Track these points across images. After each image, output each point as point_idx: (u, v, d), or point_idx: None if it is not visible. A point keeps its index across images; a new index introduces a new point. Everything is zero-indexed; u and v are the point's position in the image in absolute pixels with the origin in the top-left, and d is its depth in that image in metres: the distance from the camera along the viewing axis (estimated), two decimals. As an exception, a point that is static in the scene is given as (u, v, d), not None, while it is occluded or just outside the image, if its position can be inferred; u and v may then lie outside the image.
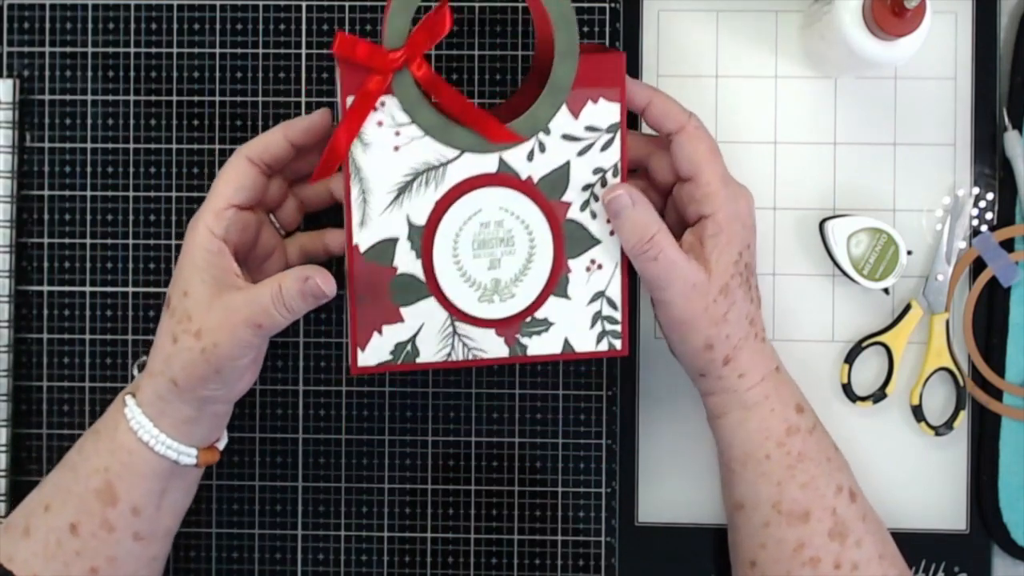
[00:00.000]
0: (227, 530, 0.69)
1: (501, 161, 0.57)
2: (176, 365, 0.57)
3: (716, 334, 0.57)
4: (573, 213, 0.58)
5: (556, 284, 0.59)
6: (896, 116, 0.68)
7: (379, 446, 0.69)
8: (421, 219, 0.57)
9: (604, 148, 0.58)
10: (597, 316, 0.60)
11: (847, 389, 0.68)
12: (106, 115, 0.69)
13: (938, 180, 0.68)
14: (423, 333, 0.59)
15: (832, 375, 0.69)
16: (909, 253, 0.66)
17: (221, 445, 0.63)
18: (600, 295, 0.60)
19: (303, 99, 0.69)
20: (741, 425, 0.59)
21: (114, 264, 0.69)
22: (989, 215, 0.68)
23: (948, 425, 0.67)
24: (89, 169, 0.69)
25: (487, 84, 0.68)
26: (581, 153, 0.57)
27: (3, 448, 0.68)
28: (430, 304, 0.59)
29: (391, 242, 0.58)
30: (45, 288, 0.69)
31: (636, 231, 0.56)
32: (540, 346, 0.60)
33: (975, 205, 0.68)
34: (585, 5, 0.68)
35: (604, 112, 0.57)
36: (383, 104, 0.55)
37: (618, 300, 0.60)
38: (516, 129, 0.56)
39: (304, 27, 0.69)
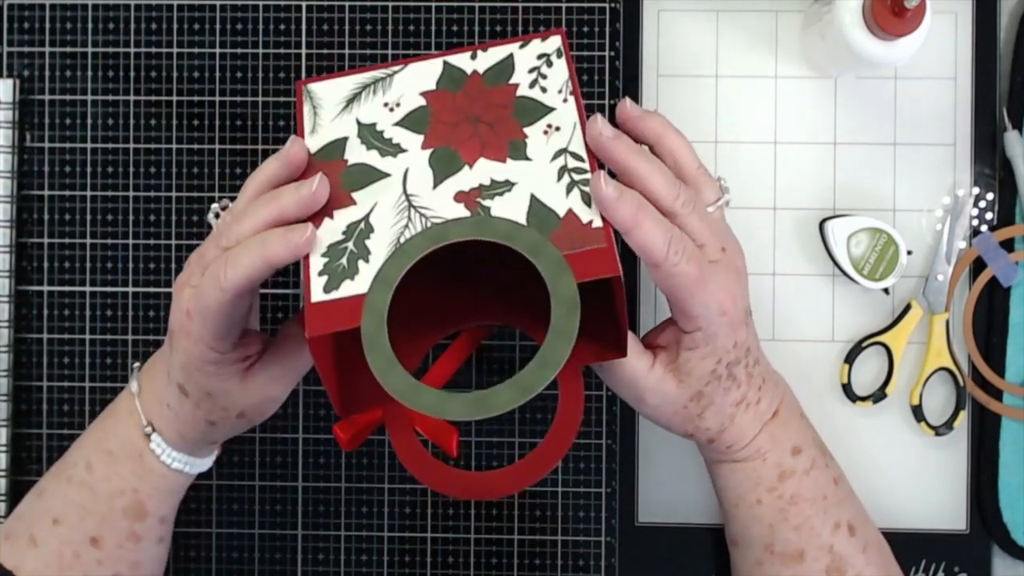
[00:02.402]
0: (227, 530, 0.69)
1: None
2: (220, 434, 0.59)
3: (695, 428, 0.57)
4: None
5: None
6: (896, 116, 0.68)
7: (379, 446, 0.69)
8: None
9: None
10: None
11: (847, 389, 0.68)
12: (106, 115, 0.69)
13: (938, 180, 0.68)
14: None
15: (832, 375, 0.69)
16: (909, 253, 0.66)
17: None
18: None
19: (303, 99, 0.69)
20: (731, 474, 0.59)
21: (114, 264, 0.69)
22: (989, 215, 0.68)
23: (948, 425, 0.67)
24: (89, 169, 0.69)
25: None
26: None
27: (3, 448, 0.68)
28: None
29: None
30: (45, 288, 0.69)
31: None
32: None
33: (975, 205, 0.68)
34: (585, 5, 0.68)
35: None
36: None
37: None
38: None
39: (304, 27, 0.69)
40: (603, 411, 0.68)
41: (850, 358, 0.68)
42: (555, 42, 0.58)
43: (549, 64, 0.58)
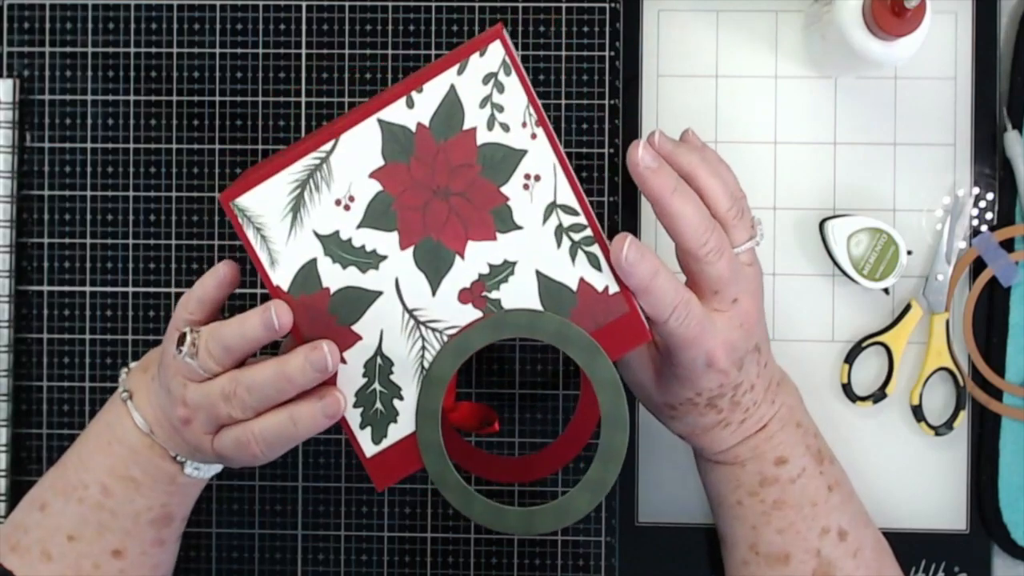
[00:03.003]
0: (227, 530, 0.69)
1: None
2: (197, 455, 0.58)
3: (666, 422, 0.58)
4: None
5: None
6: (896, 116, 0.68)
7: (379, 446, 0.69)
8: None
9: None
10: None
11: (847, 389, 0.68)
12: (106, 115, 0.69)
13: (938, 180, 0.68)
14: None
15: (832, 375, 0.69)
16: (909, 253, 0.66)
17: None
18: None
19: (303, 99, 0.69)
20: (710, 472, 0.59)
21: (114, 264, 0.69)
22: (989, 215, 0.68)
23: (948, 425, 0.67)
24: (89, 169, 0.69)
25: None
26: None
27: (3, 448, 0.68)
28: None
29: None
30: (45, 288, 0.69)
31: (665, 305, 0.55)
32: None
33: (975, 205, 0.68)
34: (585, 5, 0.68)
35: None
36: None
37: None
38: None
39: (304, 27, 0.69)
40: (603, 411, 0.68)
41: (850, 358, 0.68)
42: (497, 53, 0.49)
43: (500, 89, 0.50)
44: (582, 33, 0.68)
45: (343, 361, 0.52)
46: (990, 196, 0.68)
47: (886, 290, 0.67)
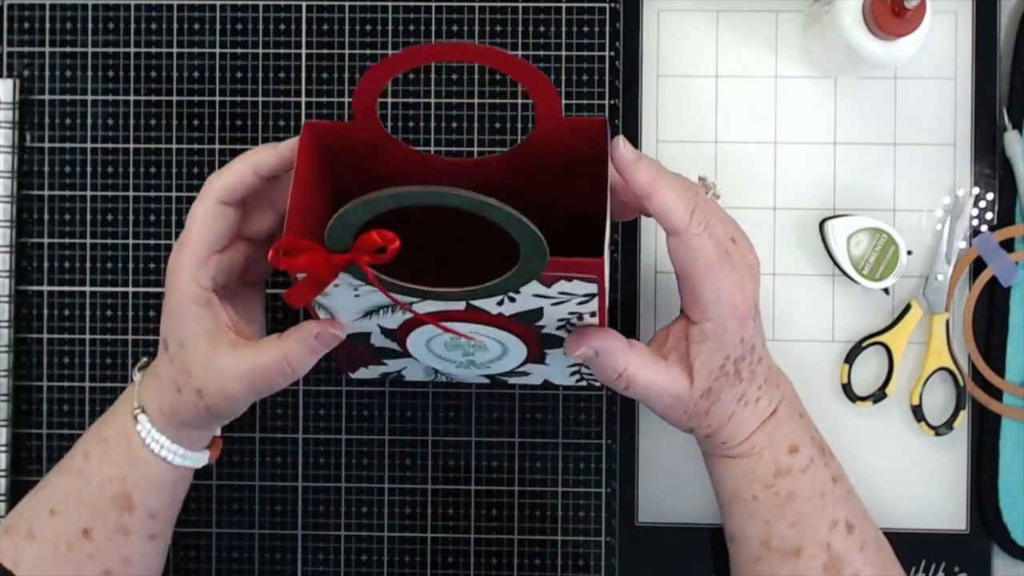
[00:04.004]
0: (227, 530, 0.69)
1: (468, 305, 0.53)
2: (183, 413, 0.57)
3: (696, 425, 0.57)
4: (549, 330, 0.56)
5: (533, 361, 0.60)
6: (896, 116, 0.68)
7: (379, 446, 0.69)
8: (393, 326, 0.56)
9: (580, 303, 0.53)
10: (575, 369, 0.62)
11: (847, 389, 0.68)
12: (106, 115, 0.69)
13: (938, 180, 0.68)
14: (408, 369, 0.63)
15: (832, 375, 0.69)
16: (909, 253, 0.66)
17: (218, 431, 0.63)
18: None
19: (303, 99, 0.69)
20: (725, 469, 0.59)
21: (114, 264, 0.69)
22: (989, 215, 0.68)
23: (948, 425, 0.67)
24: (89, 169, 0.69)
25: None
26: (555, 304, 0.53)
27: (3, 448, 0.68)
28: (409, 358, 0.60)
29: (365, 335, 0.57)
30: (45, 288, 0.69)
31: (605, 375, 0.55)
32: (520, 380, 0.65)
33: (975, 205, 0.68)
34: (585, 5, 0.68)
35: (580, 286, 0.51)
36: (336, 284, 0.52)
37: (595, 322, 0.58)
38: (478, 293, 0.51)
39: (304, 27, 0.69)
40: (603, 411, 0.68)
41: (850, 358, 0.68)
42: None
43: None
44: (582, 33, 0.68)
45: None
46: (990, 196, 0.68)
47: (886, 290, 0.67)
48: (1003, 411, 0.67)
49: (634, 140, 0.69)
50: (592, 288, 0.51)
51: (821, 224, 0.67)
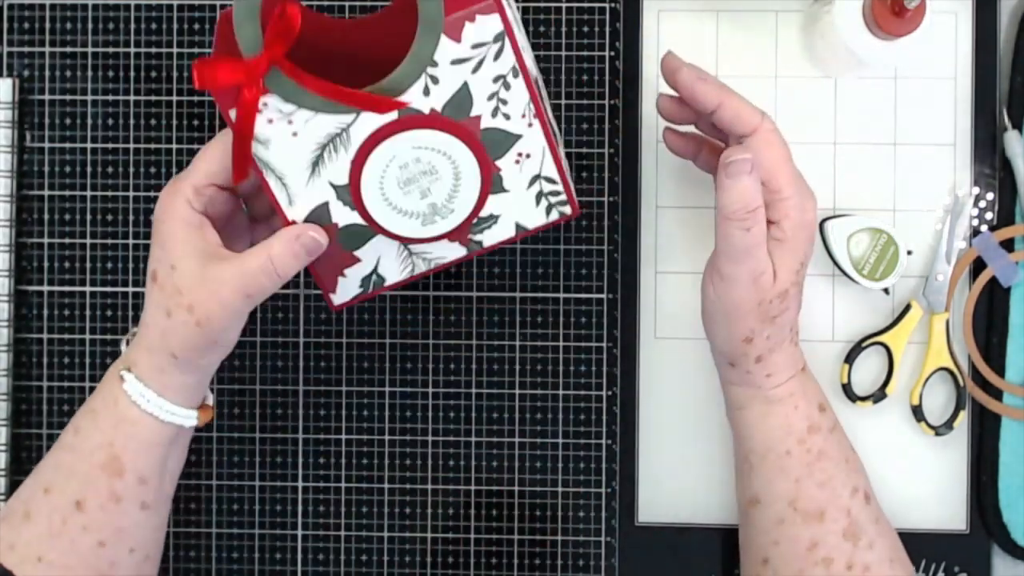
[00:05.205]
0: (227, 530, 0.69)
1: (400, 112, 0.56)
2: (173, 340, 0.57)
3: (759, 330, 0.58)
4: (486, 123, 0.57)
5: (490, 186, 0.59)
6: (896, 116, 0.68)
7: (379, 446, 0.69)
8: (343, 179, 0.58)
9: (497, 57, 0.56)
10: (540, 195, 0.60)
11: (847, 389, 0.68)
12: (106, 115, 0.69)
13: (938, 180, 0.68)
14: (382, 262, 0.61)
15: (832, 375, 0.69)
16: (909, 253, 0.66)
17: (210, 401, 0.63)
18: (536, 177, 0.59)
19: (303, 99, 0.68)
20: (763, 419, 0.59)
21: (114, 264, 0.69)
22: (989, 215, 0.68)
23: (948, 425, 0.67)
24: (89, 169, 0.69)
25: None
26: (475, 70, 0.56)
27: (3, 447, 0.68)
28: (379, 240, 0.60)
29: (323, 206, 0.58)
30: (45, 288, 0.69)
31: (743, 199, 0.56)
32: (493, 236, 0.62)
33: (975, 205, 0.68)
34: (585, 5, 0.68)
35: (486, 26, 0.55)
36: (266, 104, 0.55)
37: (555, 175, 0.59)
38: (401, 76, 0.55)
39: (304, 27, 0.68)
40: (603, 411, 0.68)
41: (850, 358, 0.68)
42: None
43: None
44: (582, 33, 0.68)
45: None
46: (990, 196, 0.68)
47: (886, 290, 0.67)
48: (1003, 411, 0.67)
49: (634, 139, 0.69)
50: (497, 24, 0.54)
51: (821, 224, 0.67)
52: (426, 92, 0.56)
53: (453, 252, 0.62)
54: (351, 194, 0.58)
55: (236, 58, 0.53)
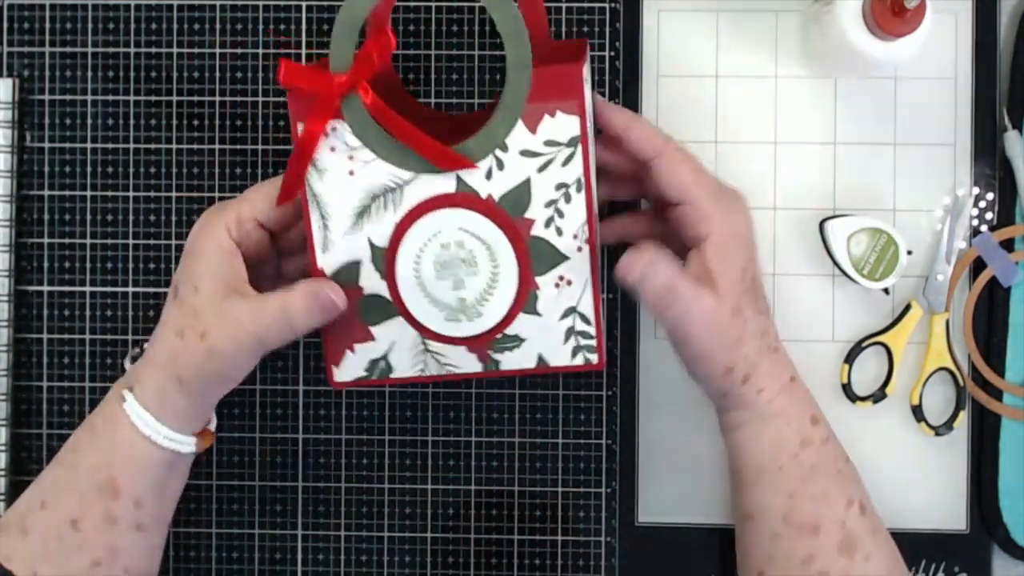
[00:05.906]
0: (227, 530, 0.69)
1: (459, 180, 0.55)
2: (181, 363, 0.57)
3: (735, 357, 0.57)
4: (538, 230, 0.56)
5: (524, 302, 0.58)
6: (896, 116, 0.68)
7: (379, 446, 0.69)
8: (382, 241, 0.57)
9: (565, 163, 0.55)
10: (570, 331, 0.59)
11: (847, 389, 0.68)
12: (106, 115, 0.69)
13: (938, 180, 0.68)
14: (395, 350, 0.60)
15: (832, 375, 0.69)
16: (909, 253, 0.66)
17: (212, 427, 0.63)
18: (572, 311, 0.58)
19: (303, 99, 0.68)
20: (756, 437, 0.59)
21: (114, 264, 0.69)
22: (989, 215, 0.68)
23: (948, 425, 0.67)
24: (89, 169, 0.69)
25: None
26: (541, 169, 0.55)
27: (3, 448, 0.68)
28: (399, 323, 0.58)
29: (355, 264, 0.57)
30: (45, 288, 0.69)
31: (655, 295, 0.55)
32: (513, 361, 0.60)
33: (975, 205, 0.68)
34: (585, 5, 0.68)
35: (563, 126, 0.54)
36: (334, 129, 0.54)
37: (591, 315, 0.58)
38: (471, 148, 0.54)
39: (304, 27, 0.69)
40: (603, 411, 0.68)
41: (850, 358, 0.68)
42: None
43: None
44: (582, 33, 0.68)
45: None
46: (990, 196, 0.68)
47: (886, 290, 0.67)
48: (1003, 411, 0.67)
49: (634, 140, 0.69)
50: (575, 128, 0.54)
51: (821, 224, 0.67)
52: (488, 176, 0.55)
53: (469, 364, 0.60)
54: (386, 260, 0.57)
55: (323, 70, 0.53)
